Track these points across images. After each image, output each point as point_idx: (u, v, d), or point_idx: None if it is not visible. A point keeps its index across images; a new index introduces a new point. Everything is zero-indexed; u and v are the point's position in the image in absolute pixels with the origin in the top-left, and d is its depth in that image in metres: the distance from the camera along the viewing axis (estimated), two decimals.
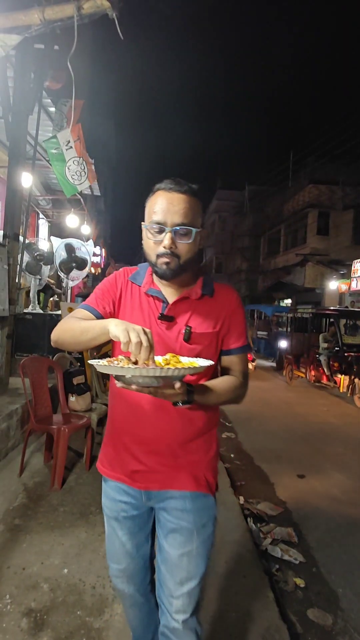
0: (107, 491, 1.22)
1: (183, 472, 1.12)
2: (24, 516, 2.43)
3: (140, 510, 1.18)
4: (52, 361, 3.58)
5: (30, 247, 6.00)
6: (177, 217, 1.01)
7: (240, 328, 1.16)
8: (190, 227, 1.02)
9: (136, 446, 1.12)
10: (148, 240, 1.06)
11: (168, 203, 1.02)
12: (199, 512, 1.13)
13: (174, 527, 1.13)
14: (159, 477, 1.12)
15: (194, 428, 1.13)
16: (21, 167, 4.07)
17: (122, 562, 1.22)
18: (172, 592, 1.11)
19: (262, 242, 23.38)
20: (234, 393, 1.12)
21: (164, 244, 1.02)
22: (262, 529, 2.67)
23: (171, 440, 1.11)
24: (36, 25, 3.09)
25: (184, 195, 1.02)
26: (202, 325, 1.10)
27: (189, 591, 1.11)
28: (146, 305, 1.12)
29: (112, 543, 1.22)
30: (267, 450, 4.27)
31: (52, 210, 9.93)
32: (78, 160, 5.18)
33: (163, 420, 1.09)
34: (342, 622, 1.93)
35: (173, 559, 1.12)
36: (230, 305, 1.14)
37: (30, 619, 1.68)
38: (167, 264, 1.03)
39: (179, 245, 1.03)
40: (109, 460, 1.20)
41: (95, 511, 2.55)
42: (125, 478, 1.15)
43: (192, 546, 1.12)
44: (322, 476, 3.71)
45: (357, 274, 13.57)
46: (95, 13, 2.99)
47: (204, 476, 1.14)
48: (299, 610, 1.99)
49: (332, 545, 2.57)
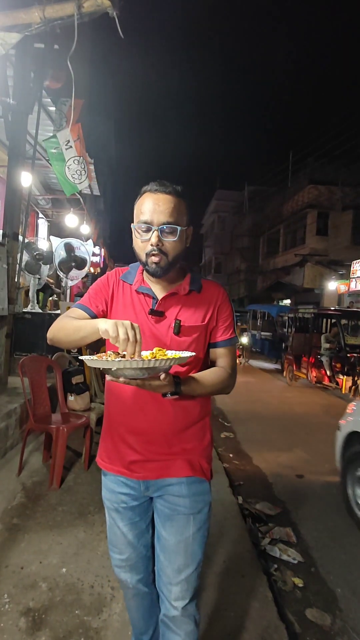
0: (106, 484, 1.26)
1: (178, 459, 1.17)
2: (22, 515, 2.43)
3: (139, 501, 1.22)
4: (51, 360, 3.58)
5: (29, 247, 5.99)
6: (162, 216, 1.07)
7: (227, 321, 1.21)
8: (175, 226, 1.08)
9: (132, 437, 1.17)
10: (137, 239, 1.12)
11: (154, 203, 1.08)
12: (195, 497, 1.18)
13: (170, 513, 1.18)
14: (155, 466, 1.16)
15: (186, 417, 1.18)
16: (21, 167, 4.06)
17: (124, 552, 1.25)
18: (171, 579, 1.17)
19: (261, 243, 23.39)
20: (222, 384, 1.17)
21: (152, 241, 1.08)
22: (260, 529, 2.67)
23: (165, 429, 1.16)
24: (36, 23, 3.09)
25: (169, 195, 1.09)
26: (190, 318, 1.16)
27: (186, 577, 1.17)
28: (137, 302, 1.18)
29: (114, 534, 1.26)
30: (265, 450, 4.27)
31: (51, 209, 9.92)
32: (78, 160, 5.17)
33: (156, 411, 1.14)
34: (340, 622, 1.93)
35: (171, 545, 1.17)
36: (217, 299, 1.20)
37: (28, 618, 1.67)
38: (157, 263, 1.09)
39: (165, 242, 1.09)
40: (107, 454, 1.24)
41: (94, 510, 2.55)
42: (124, 470, 1.19)
43: (189, 532, 1.17)
44: (321, 476, 3.71)
45: (356, 274, 13.57)
46: (96, 12, 2.99)
47: (198, 462, 1.19)
48: (297, 610, 1.99)
49: (330, 545, 2.57)
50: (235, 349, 1.25)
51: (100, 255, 14.48)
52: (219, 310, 1.20)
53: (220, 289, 1.23)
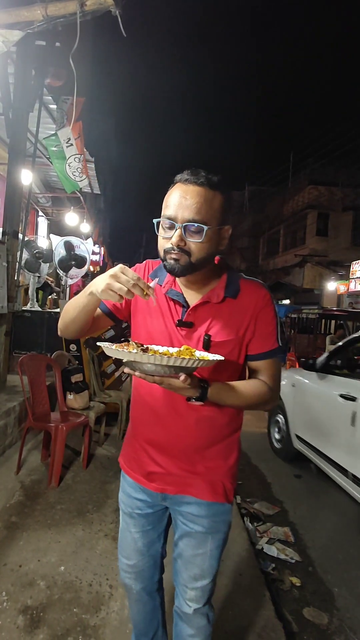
0: (124, 486, 1.23)
1: (199, 478, 1.09)
2: (20, 514, 2.43)
3: (155, 509, 1.18)
4: (51, 359, 3.58)
5: (29, 245, 5.99)
6: (187, 213, 0.92)
7: (268, 330, 1.05)
8: (202, 225, 0.92)
9: (151, 448, 1.12)
10: (159, 236, 0.99)
11: (181, 196, 0.93)
12: (214, 518, 1.12)
13: (188, 530, 1.13)
14: (175, 480, 1.10)
15: (211, 433, 1.07)
16: (21, 165, 4.05)
17: (132, 558, 1.22)
18: (186, 583, 1.15)
19: (261, 243, 23.40)
20: (258, 398, 1.03)
21: (172, 240, 0.94)
22: (258, 528, 2.67)
23: (186, 445, 1.07)
24: (38, 21, 3.08)
25: (200, 187, 0.93)
26: (221, 332, 1.02)
27: (202, 587, 1.14)
28: (165, 308, 1.05)
29: (125, 538, 1.23)
30: (264, 449, 4.27)
31: (51, 208, 9.91)
32: (79, 157, 5.18)
33: (177, 424, 1.06)
34: (337, 621, 1.94)
35: (187, 556, 1.14)
36: (257, 305, 1.04)
37: (26, 616, 1.68)
38: (176, 260, 0.95)
39: (189, 243, 0.94)
40: (127, 459, 1.21)
41: (92, 509, 2.55)
42: (142, 479, 1.15)
43: (206, 549, 1.13)
44: (319, 476, 3.72)
45: (355, 275, 13.60)
46: (98, 10, 2.98)
47: (221, 483, 1.11)
48: (294, 609, 2.00)
49: (328, 545, 2.58)
50: (279, 361, 1.09)
51: (100, 253, 14.48)
52: (258, 317, 1.04)
53: (261, 292, 1.05)
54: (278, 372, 1.09)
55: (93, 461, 3.31)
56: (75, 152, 5.13)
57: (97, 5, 2.96)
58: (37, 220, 9.95)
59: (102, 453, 3.52)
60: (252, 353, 1.07)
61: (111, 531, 2.32)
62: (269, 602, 1.90)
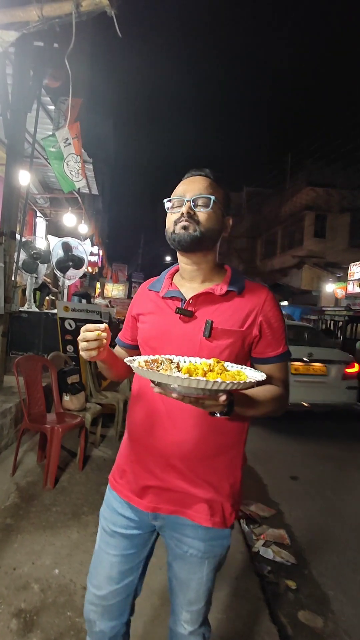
0: (109, 500, 1.14)
1: (199, 497, 1.02)
2: (15, 516, 2.41)
3: (141, 531, 1.09)
4: (47, 360, 3.57)
5: (27, 246, 5.98)
6: (196, 190, 1.01)
7: (278, 332, 1.05)
8: (209, 196, 1.00)
9: (151, 458, 1.04)
10: (168, 215, 1.05)
11: (189, 181, 1.04)
12: (212, 542, 1.04)
13: (181, 553, 1.05)
14: (172, 498, 1.03)
15: (217, 441, 1.02)
16: (19, 165, 4.05)
17: (102, 588, 1.08)
18: (182, 604, 1.09)
19: (258, 244, 23.45)
20: (275, 404, 1.01)
21: (182, 210, 1.00)
22: (254, 531, 2.67)
23: (189, 452, 1.01)
24: (34, 21, 3.08)
25: (205, 177, 1.04)
26: (226, 321, 1.00)
27: (197, 610, 1.09)
28: (164, 306, 1.07)
29: (99, 561, 1.11)
30: (260, 451, 4.27)
31: (49, 208, 9.89)
32: (76, 158, 5.18)
33: (182, 429, 1.00)
34: (332, 624, 1.93)
35: (182, 578, 1.08)
36: (262, 305, 1.03)
37: (20, 619, 1.66)
38: (185, 228, 0.99)
39: (197, 213, 1.00)
40: (119, 472, 1.13)
41: (88, 511, 2.54)
42: (133, 496, 1.07)
43: (202, 573, 1.06)
44: (315, 478, 3.72)
45: (353, 277, 13.63)
46: (94, 10, 2.98)
47: (221, 507, 1.03)
48: (289, 612, 1.99)
49: (324, 548, 2.58)
50: (288, 365, 1.09)
51: (98, 254, 14.46)
52: (265, 318, 1.03)
53: (267, 293, 1.06)
54: (288, 376, 1.09)
55: (89, 463, 3.30)
56: (72, 152, 5.13)
57: (93, 6, 2.96)
58: (35, 220, 9.93)
59: (98, 454, 3.51)
60: (264, 356, 1.05)
61: None
62: (264, 606, 1.90)
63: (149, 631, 1.66)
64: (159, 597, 1.82)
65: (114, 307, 19.41)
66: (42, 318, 5.62)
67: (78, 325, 4.62)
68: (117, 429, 3.91)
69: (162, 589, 1.84)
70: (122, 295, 25.10)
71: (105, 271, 19.44)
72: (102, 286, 22.47)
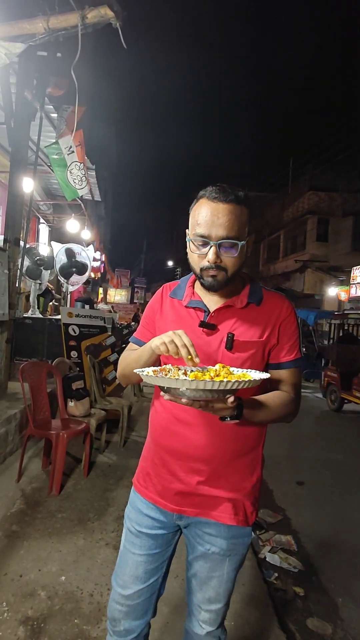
0: (134, 501, 1.16)
1: (221, 499, 1.06)
2: (21, 522, 2.41)
3: (166, 530, 1.11)
4: (51, 366, 3.57)
5: (30, 252, 6.02)
6: (221, 230, 0.96)
7: (292, 339, 1.07)
8: (236, 241, 0.97)
9: (175, 461, 1.06)
10: (192, 253, 1.02)
11: (212, 215, 0.96)
12: (233, 540, 1.08)
13: (204, 551, 1.08)
14: (195, 501, 1.06)
15: (239, 443, 1.06)
16: (22, 173, 4.09)
17: (128, 587, 1.11)
18: (201, 604, 1.11)
19: (261, 248, 23.47)
20: (285, 410, 1.03)
21: (209, 258, 0.97)
22: (261, 537, 2.65)
23: (211, 455, 1.04)
24: (40, 34, 3.13)
25: (229, 205, 0.96)
26: (246, 333, 1.03)
27: (216, 610, 1.11)
28: (186, 316, 1.08)
29: (124, 562, 1.13)
30: (266, 456, 4.24)
31: (52, 215, 9.97)
32: (79, 165, 5.22)
33: (205, 434, 1.03)
34: (341, 631, 1.91)
35: (202, 577, 1.10)
36: (280, 314, 1.06)
37: (27, 627, 1.66)
38: (214, 277, 0.99)
39: (224, 259, 0.98)
40: (143, 475, 1.15)
41: (94, 517, 2.53)
42: (158, 498, 1.10)
43: (223, 571, 1.09)
44: (322, 483, 3.69)
45: (356, 280, 13.60)
46: (99, 22, 3.03)
47: (242, 506, 1.07)
48: (298, 619, 1.97)
49: (331, 554, 2.56)
50: (300, 371, 1.11)
51: (100, 260, 14.52)
52: (282, 326, 1.06)
53: (285, 302, 1.09)
54: (300, 382, 1.11)
55: (94, 469, 3.29)
56: (76, 159, 5.17)
57: (98, 18, 3.01)
58: (38, 227, 10.00)
59: (103, 460, 3.50)
60: (278, 361, 1.07)
61: (112, 540, 2.30)
62: (272, 613, 1.88)
63: (158, 638, 1.65)
64: (167, 605, 1.80)
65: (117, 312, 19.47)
66: (46, 324, 5.64)
67: (82, 331, 4.63)
68: (122, 435, 3.90)
69: (170, 597, 1.83)
70: (125, 300, 25.15)
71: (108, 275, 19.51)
72: (104, 291, 22.53)
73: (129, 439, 4.15)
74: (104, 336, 4.74)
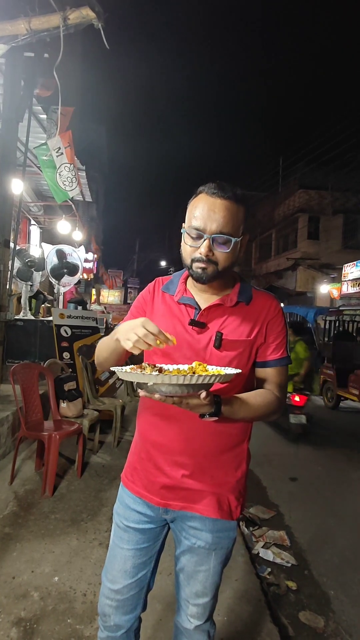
0: (122, 497, 1.17)
1: (206, 491, 1.07)
2: (14, 524, 2.41)
3: (154, 525, 1.13)
4: (43, 367, 3.56)
5: (21, 254, 5.99)
6: (216, 225, 0.97)
7: (279, 338, 1.08)
8: (229, 237, 0.98)
9: (161, 455, 1.09)
10: (185, 245, 1.03)
11: (209, 209, 0.97)
12: (218, 534, 1.10)
13: (190, 545, 1.10)
14: (180, 495, 1.08)
15: (223, 439, 1.07)
16: (12, 174, 4.07)
17: (117, 582, 1.12)
18: (189, 598, 1.13)
19: (253, 247, 23.54)
20: (268, 409, 1.04)
21: (201, 250, 0.98)
22: (254, 533, 2.67)
23: (198, 450, 1.06)
24: (23, 35, 3.12)
25: (227, 201, 0.97)
26: (235, 332, 1.04)
27: (203, 604, 1.12)
28: (178, 312, 1.09)
29: (113, 557, 1.15)
30: (259, 454, 4.27)
31: (43, 216, 9.91)
32: (69, 167, 5.20)
33: (190, 428, 1.05)
34: (333, 624, 1.94)
35: (189, 571, 1.12)
36: (268, 312, 1.08)
37: (20, 628, 1.66)
38: (204, 269, 1.00)
39: (216, 253, 0.99)
40: (130, 470, 1.17)
41: (87, 518, 2.53)
42: (144, 492, 1.11)
43: (209, 565, 1.10)
44: (314, 479, 3.72)
45: (347, 277, 13.71)
46: (81, 23, 3.03)
47: (227, 500, 1.09)
48: (290, 613, 1.99)
49: (324, 548, 2.58)
50: (286, 370, 1.11)
51: (92, 261, 14.48)
52: (269, 325, 1.07)
53: (273, 302, 1.10)
54: (286, 381, 1.12)
55: (87, 469, 3.29)
56: (65, 161, 5.15)
57: (80, 19, 3.00)
58: (29, 228, 9.94)
59: (97, 461, 3.50)
60: (264, 360, 1.08)
61: (106, 539, 2.30)
62: (264, 607, 1.90)
63: (152, 636, 1.66)
64: (159, 601, 1.81)
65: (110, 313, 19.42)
66: (38, 326, 5.62)
67: (74, 332, 4.62)
68: (115, 435, 3.90)
69: (163, 594, 1.84)
70: (118, 301, 25.11)
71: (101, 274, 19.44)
72: (97, 292, 22.47)
73: (123, 439, 4.15)
74: (96, 337, 4.74)
